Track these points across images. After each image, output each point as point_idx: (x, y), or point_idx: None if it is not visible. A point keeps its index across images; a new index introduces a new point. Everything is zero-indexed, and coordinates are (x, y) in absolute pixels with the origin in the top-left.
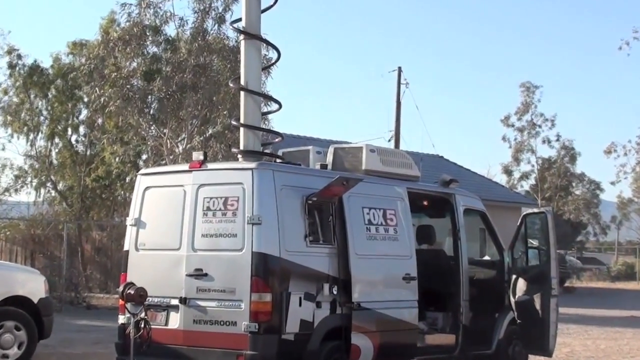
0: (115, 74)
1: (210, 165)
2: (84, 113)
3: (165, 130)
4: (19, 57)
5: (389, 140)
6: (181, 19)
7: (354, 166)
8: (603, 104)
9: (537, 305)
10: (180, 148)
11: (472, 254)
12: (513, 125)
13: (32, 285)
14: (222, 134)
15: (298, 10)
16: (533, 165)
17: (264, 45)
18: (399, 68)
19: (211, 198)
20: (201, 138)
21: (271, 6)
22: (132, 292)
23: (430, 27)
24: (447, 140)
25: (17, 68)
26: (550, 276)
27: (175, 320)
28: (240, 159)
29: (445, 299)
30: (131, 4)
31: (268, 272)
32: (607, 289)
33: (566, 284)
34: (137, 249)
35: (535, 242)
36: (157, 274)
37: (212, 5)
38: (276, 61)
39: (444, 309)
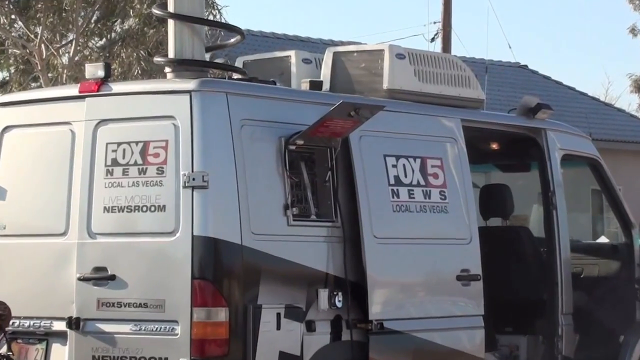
0: None
1: (117, 87)
2: None
3: (38, 29)
4: None
5: (433, 40)
6: None
7: (370, 84)
8: None
9: None
10: (65, 58)
11: (577, 234)
12: None
13: None
14: (138, 33)
15: None
16: None
17: None
18: None
19: (119, 144)
20: (101, 41)
21: None
22: None
23: None
24: (534, 39)
25: None
26: None
27: (61, 358)
28: (169, 75)
29: (532, 313)
30: None
31: (221, 271)
32: None
33: None
34: None
35: None
36: (28, 278)
37: None
38: None
39: (529, 330)
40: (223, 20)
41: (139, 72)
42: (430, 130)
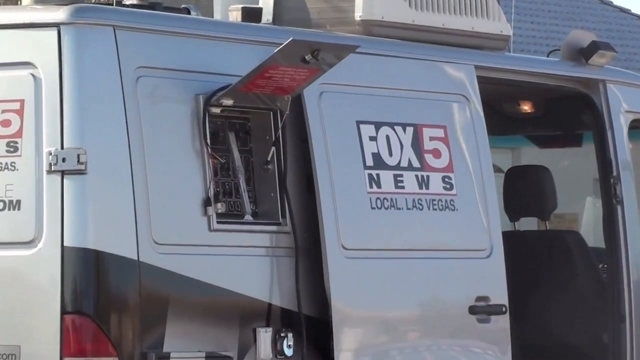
0: None
1: None
2: None
3: None
4: None
5: None
6: None
7: (335, 12)
8: None
9: None
10: None
11: None
12: None
13: None
14: None
15: None
16: None
17: None
18: None
19: None
20: None
21: None
22: None
23: None
24: None
25: None
26: None
27: None
28: (25, 1)
29: None
30: None
31: (108, 301)
32: None
33: None
34: None
35: None
36: None
37: None
38: None
39: None
40: None
41: None
42: (428, 83)
